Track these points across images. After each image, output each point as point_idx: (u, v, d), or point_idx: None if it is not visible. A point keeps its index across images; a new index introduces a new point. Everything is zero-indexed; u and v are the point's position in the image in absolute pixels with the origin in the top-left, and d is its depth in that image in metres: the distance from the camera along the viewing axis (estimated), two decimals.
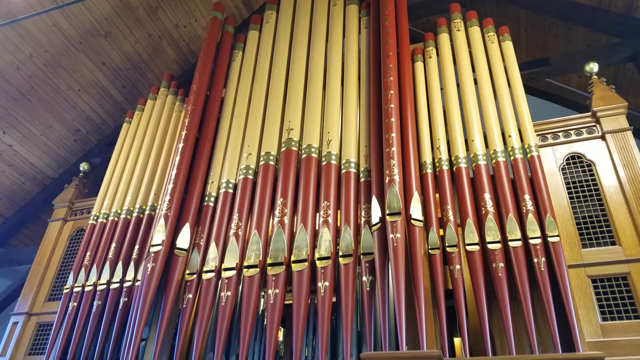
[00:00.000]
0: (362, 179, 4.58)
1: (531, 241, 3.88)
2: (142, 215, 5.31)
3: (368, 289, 3.96)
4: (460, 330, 3.70)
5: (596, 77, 4.92)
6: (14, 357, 5.16)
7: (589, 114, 4.62)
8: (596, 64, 5.00)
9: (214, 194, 5.03)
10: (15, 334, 5.30)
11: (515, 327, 3.70)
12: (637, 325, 3.58)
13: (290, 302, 4.11)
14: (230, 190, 4.95)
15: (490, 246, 3.95)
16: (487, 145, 4.57)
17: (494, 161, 4.41)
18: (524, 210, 4.04)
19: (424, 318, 3.62)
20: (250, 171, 4.96)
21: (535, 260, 3.80)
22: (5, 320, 5.88)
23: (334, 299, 4.10)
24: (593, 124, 4.57)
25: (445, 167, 4.47)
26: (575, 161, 4.45)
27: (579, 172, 4.38)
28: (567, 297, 3.60)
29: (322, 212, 4.41)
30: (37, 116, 6.95)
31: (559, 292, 3.64)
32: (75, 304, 4.95)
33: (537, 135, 4.62)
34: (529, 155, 4.36)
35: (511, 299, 3.76)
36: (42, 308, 5.46)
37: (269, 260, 4.29)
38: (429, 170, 4.46)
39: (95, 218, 5.63)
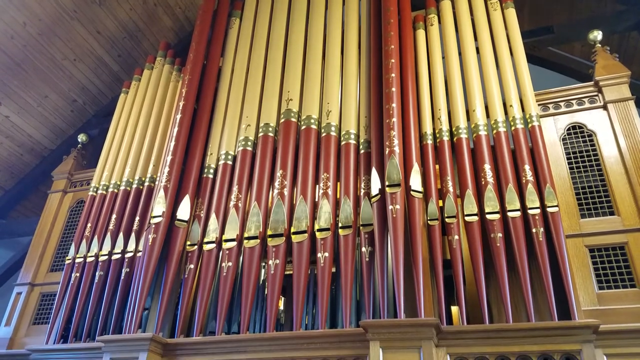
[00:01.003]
0: (362, 151, 4.56)
1: (530, 211, 3.89)
2: (141, 187, 5.31)
3: (367, 259, 4.00)
4: (457, 299, 3.75)
5: (600, 45, 4.85)
6: (19, 327, 5.24)
7: (591, 83, 4.57)
8: (600, 32, 4.91)
9: (213, 165, 5.02)
10: (19, 304, 5.37)
11: (512, 296, 3.74)
12: (633, 294, 3.62)
13: (291, 272, 4.15)
14: (230, 162, 4.94)
15: (489, 217, 3.96)
16: (488, 115, 4.53)
17: (494, 131, 4.38)
18: (524, 181, 4.03)
19: (422, 287, 3.67)
20: (249, 143, 4.94)
21: (534, 230, 3.82)
22: (8, 290, 5.94)
23: (333, 270, 4.14)
24: (595, 93, 4.53)
25: (446, 138, 4.44)
26: (576, 131, 4.42)
27: (580, 142, 4.35)
28: (564, 266, 3.64)
29: (321, 184, 4.40)
30: (33, 86, 6.86)
31: (557, 262, 3.67)
32: (78, 274, 5.00)
33: (539, 104, 4.58)
34: (529, 125, 4.33)
35: (509, 268, 3.79)
36: (45, 278, 5.52)
37: (269, 232, 4.32)
38: (429, 141, 4.44)
39: (95, 189, 5.63)
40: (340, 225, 4.18)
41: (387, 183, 4.04)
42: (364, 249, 4.05)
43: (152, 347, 4.07)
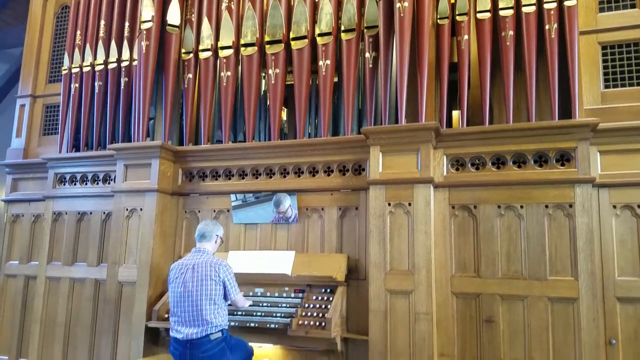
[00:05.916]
0: None
1: (546, 6, 3.61)
2: None
3: (370, 66, 3.88)
4: (460, 102, 3.74)
5: None
6: (30, 138, 5.37)
7: None
8: None
9: None
10: (25, 115, 5.41)
11: (515, 97, 3.70)
12: (638, 92, 3.58)
13: (292, 82, 4.08)
14: None
15: (502, 13, 3.70)
16: None
17: None
18: None
19: (425, 92, 3.64)
20: None
21: (547, 27, 3.59)
22: (12, 104, 5.97)
23: (335, 79, 4.05)
24: None
25: None
26: None
27: None
28: (572, 64, 3.51)
29: None
30: None
31: (566, 60, 3.54)
32: (77, 85, 4.96)
33: None
34: None
35: (516, 68, 3.68)
36: (45, 90, 5.46)
37: (266, 38, 4.11)
38: None
39: None
40: (342, 28, 3.95)
41: None
42: (367, 55, 3.89)
43: (163, 154, 4.26)
